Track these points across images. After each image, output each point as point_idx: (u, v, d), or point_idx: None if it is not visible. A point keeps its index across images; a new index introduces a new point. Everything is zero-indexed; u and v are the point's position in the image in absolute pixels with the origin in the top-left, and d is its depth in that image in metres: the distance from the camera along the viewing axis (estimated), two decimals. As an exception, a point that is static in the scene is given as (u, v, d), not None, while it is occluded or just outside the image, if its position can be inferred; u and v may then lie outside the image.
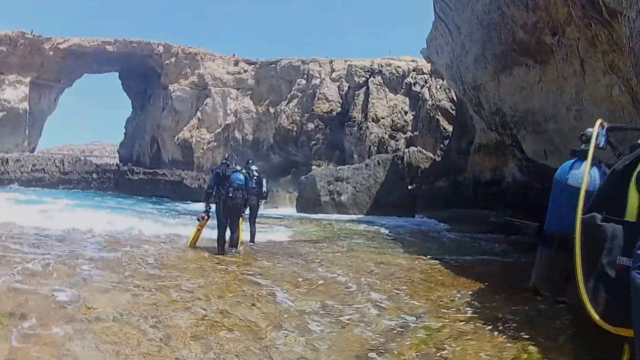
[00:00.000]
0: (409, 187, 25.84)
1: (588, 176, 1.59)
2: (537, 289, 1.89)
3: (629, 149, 1.59)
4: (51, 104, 54.58)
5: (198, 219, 9.38)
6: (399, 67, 39.58)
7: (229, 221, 9.08)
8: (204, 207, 9.23)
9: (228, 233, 9.11)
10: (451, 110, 32.06)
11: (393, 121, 37.67)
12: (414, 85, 38.21)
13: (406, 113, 38.08)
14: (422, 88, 36.96)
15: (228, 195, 8.91)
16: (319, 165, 35.36)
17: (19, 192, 29.53)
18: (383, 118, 37.50)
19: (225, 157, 9.90)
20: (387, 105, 38.11)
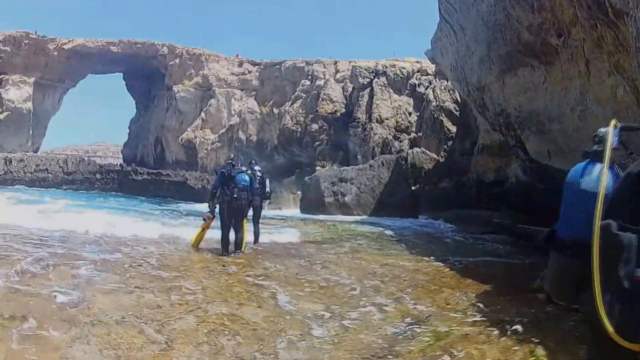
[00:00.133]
0: (412, 188, 25.77)
1: (606, 181, 1.52)
2: (550, 296, 1.84)
3: None
4: (55, 105, 54.65)
5: (204, 219, 9.35)
6: (404, 68, 39.52)
7: (234, 222, 9.06)
8: (207, 207, 9.21)
9: (232, 234, 9.09)
10: (455, 112, 32.01)
11: (397, 122, 37.60)
12: (419, 86, 38.15)
13: (410, 114, 38.00)
14: (426, 89, 36.89)
15: (233, 195, 8.88)
16: (322, 166, 35.28)
17: (20, 192, 29.56)
18: (387, 119, 37.44)
19: (231, 157, 9.87)
20: (391, 106, 38.05)
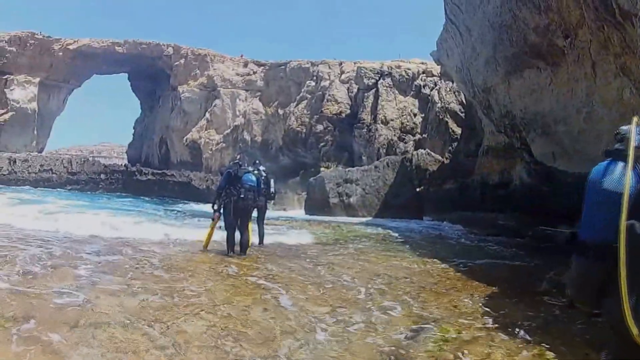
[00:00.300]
0: (417, 190, 25.72)
1: (629, 181, 1.48)
2: (573, 301, 1.81)
3: None
4: (60, 105, 54.92)
5: (212, 218, 9.34)
6: (409, 70, 39.51)
7: (239, 222, 9.04)
8: (212, 207, 9.19)
9: (237, 235, 9.07)
10: (460, 113, 31.95)
11: (402, 123, 37.57)
12: (424, 88, 38.12)
13: (415, 115, 37.98)
14: (431, 90, 36.86)
15: (239, 196, 8.86)
16: (327, 167, 35.29)
17: (24, 192, 29.62)
18: (392, 120, 37.42)
19: (237, 157, 9.86)
20: (396, 107, 38.02)
